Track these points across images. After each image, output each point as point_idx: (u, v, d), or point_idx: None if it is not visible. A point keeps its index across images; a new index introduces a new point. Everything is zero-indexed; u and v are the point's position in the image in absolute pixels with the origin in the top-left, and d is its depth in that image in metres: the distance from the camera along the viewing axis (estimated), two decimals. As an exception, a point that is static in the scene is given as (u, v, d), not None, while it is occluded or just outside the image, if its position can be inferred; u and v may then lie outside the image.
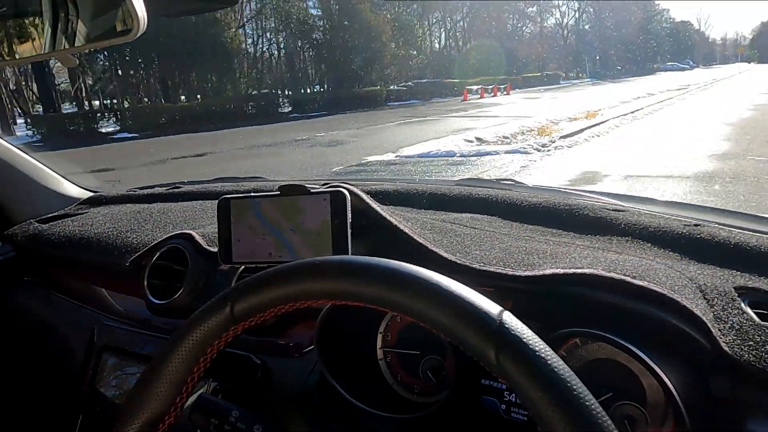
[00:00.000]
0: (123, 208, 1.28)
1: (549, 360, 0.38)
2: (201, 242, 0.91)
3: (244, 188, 1.25)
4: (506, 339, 0.39)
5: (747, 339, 0.57)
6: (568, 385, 0.37)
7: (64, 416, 1.06)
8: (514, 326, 0.40)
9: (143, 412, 0.51)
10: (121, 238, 1.06)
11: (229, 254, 0.78)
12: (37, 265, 1.22)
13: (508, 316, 0.41)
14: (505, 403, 0.67)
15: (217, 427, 0.65)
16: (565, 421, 0.36)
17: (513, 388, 0.39)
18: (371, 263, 0.46)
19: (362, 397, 0.71)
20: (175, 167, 10.01)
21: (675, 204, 1.07)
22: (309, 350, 0.79)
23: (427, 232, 0.80)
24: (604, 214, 0.87)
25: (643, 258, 0.72)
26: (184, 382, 0.52)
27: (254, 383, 0.79)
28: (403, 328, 0.75)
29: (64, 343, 1.11)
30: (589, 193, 1.09)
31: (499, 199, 0.98)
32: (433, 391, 0.72)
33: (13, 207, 1.28)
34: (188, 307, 0.87)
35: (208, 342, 0.51)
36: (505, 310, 0.41)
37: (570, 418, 0.36)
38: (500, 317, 0.40)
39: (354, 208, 0.72)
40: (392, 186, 1.11)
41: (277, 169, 8.49)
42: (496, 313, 0.41)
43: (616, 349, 0.59)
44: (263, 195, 0.76)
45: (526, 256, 0.72)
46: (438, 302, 0.42)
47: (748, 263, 0.71)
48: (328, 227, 0.71)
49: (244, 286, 0.50)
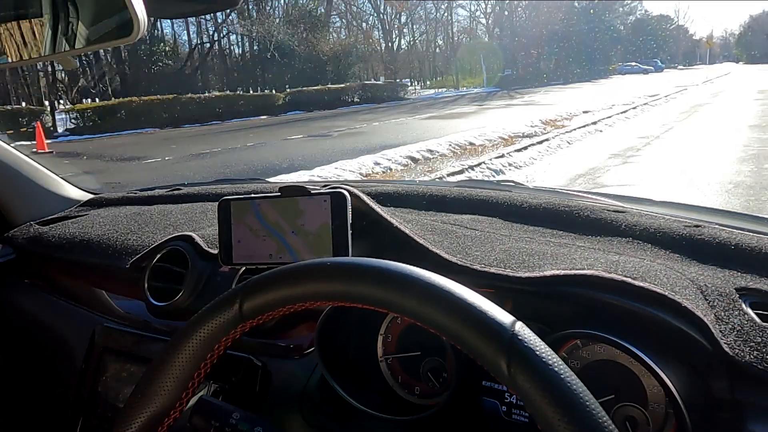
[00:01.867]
0: (123, 210, 1.28)
1: (562, 374, 0.38)
2: (201, 244, 0.91)
3: (244, 190, 1.25)
4: (518, 350, 0.39)
5: (748, 340, 0.57)
6: (581, 402, 0.37)
7: (65, 418, 1.06)
8: (527, 337, 0.40)
9: (148, 406, 0.51)
10: (121, 240, 1.06)
11: (229, 256, 0.78)
12: (38, 268, 1.22)
13: (520, 327, 0.41)
14: (506, 405, 0.67)
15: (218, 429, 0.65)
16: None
17: (524, 400, 0.39)
18: (383, 266, 0.46)
19: (363, 398, 0.71)
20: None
21: (675, 205, 1.07)
22: (310, 352, 0.79)
23: (427, 233, 0.80)
24: (604, 216, 0.87)
25: (643, 259, 0.72)
26: (190, 378, 0.51)
27: (255, 385, 0.79)
28: (404, 329, 0.75)
29: (65, 346, 1.11)
30: (590, 194, 1.09)
31: (499, 200, 0.98)
32: (434, 393, 0.72)
33: (14, 209, 1.28)
34: (189, 308, 0.87)
35: (216, 339, 0.51)
36: (517, 321, 0.41)
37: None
38: (513, 328, 0.40)
39: (354, 209, 0.72)
40: (392, 187, 1.11)
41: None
42: (508, 323, 0.41)
43: (617, 351, 0.59)
44: (263, 196, 0.76)
45: (527, 257, 0.72)
46: (451, 310, 0.42)
47: (748, 264, 0.71)
48: (328, 228, 0.71)
49: (253, 284, 0.50)
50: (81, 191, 1.43)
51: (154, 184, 1.60)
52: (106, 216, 1.23)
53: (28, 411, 1.19)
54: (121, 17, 0.60)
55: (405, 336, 0.74)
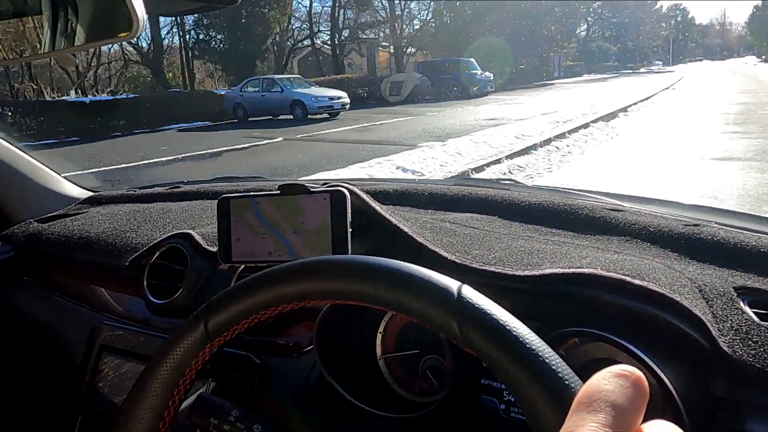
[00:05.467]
0: (122, 207, 1.28)
1: (508, 324, 0.40)
2: (201, 242, 0.91)
3: (243, 188, 1.25)
4: (466, 309, 0.41)
5: (746, 339, 0.57)
6: (529, 345, 0.38)
7: (64, 416, 1.06)
8: (473, 297, 0.42)
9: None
10: (120, 238, 1.06)
11: (228, 254, 0.78)
12: (37, 265, 1.22)
13: (466, 289, 0.43)
14: (505, 403, 0.67)
15: (217, 426, 0.65)
16: (528, 377, 0.37)
17: (479, 355, 0.40)
18: (332, 261, 0.49)
19: (362, 396, 0.71)
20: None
21: (675, 204, 1.07)
22: (308, 350, 0.79)
23: (426, 231, 0.80)
24: (603, 214, 0.87)
25: (642, 258, 0.72)
26: (165, 407, 0.52)
27: (254, 383, 0.79)
28: (403, 327, 0.75)
29: (64, 343, 1.11)
30: (589, 192, 1.09)
31: (498, 198, 0.98)
32: (433, 391, 0.72)
33: (13, 206, 1.28)
34: (188, 306, 0.87)
35: (186, 363, 0.51)
36: (463, 284, 0.43)
37: (532, 373, 0.37)
38: (459, 290, 0.42)
39: (354, 207, 0.72)
40: (392, 185, 1.11)
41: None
42: (455, 287, 0.43)
43: (615, 349, 0.59)
44: (263, 194, 0.76)
45: (526, 255, 0.72)
46: (401, 286, 0.44)
47: (747, 263, 0.71)
48: (327, 227, 0.71)
49: (215, 302, 0.51)
50: (80, 189, 1.43)
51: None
52: (105, 214, 1.22)
53: (27, 409, 1.19)
54: (121, 14, 0.60)
55: (403, 334, 0.75)
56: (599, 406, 0.28)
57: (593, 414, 0.27)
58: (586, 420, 0.27)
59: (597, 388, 0.29)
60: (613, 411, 0.27)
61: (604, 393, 0.28)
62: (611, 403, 0.28)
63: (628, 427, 0.27)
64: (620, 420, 0.27)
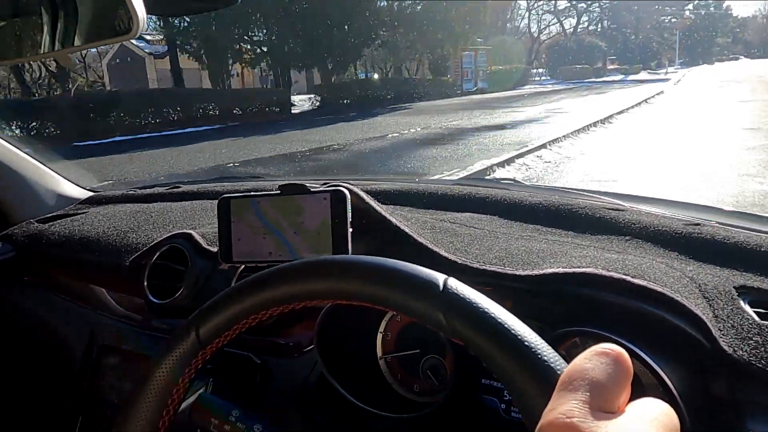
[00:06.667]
0: (123, 207, 1.28)
1: (493, 313, 0.40)
2: (201, 242, 0.91)
3: (244, 188, 1.25)
4: (451, 301, 0.42)
5: (747, 338, 0.57)
6: (514, 332, 0.39)
7: (64, 416, 1.06)
8: (458, 289, 0.42)
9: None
10: (120, 238, 1.06)
11: (229, 254, 0.78)
12: (37, 265, 1.22)
13: (452, 281, 0.43)
14: (505, 402, 0.67)
15: (218, 426, 0.66)
16: (517, 364, 0.37)
17: (467, 345, 0.41)
18: (314, 262, 0.49)
19: (362, 396, 0.71)
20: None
21: (675, 203, 1.07)
22: (309, 350, 0.79)
23: (426, 231, 0.80)
24: (603, 214, 0.87)
25: (642, 257, 0.72)
26: (160, 418, 0.52)
27: (254, 383, 0.79)
28: (403, 327, 0.75)
29: (64, 343, 1.11)
30: (589, 192, 1.09)
31: (498, 198, 0.98)
32: (433, 391, 0.72)
33: (13, 207, 1.28)
34: (188, 307, 0.87)
35: (179, 373, 0.52)
36: (449, 277, 0.43)
37: (517, 358, 0.38)
38: (445, 283, 0.43)
39: (354, 207, 0.72)
40: (392, 186, 1.11)
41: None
42: (440, 280, 0.43)
43: None
44: (263, 194, 0.76)
45: (526, 255, 0.72)
46: (385, 282, 0.45)
47: (748, 262, 0.71)
48: (328, 227, 0.71)
49: (206, 309, 0.51)
50: (81, 189, 1.43)
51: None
52: (105, 214, 1.22)
53: (27, 409, 1.19)
54: (121, 14, 0.60)
55: (404, 334, 0.75)
56: (579, 384, 0.28)
57: (573, 392, 0.28)
58: (566, 398, 0.28)
59: (578, 367, 0.29)
60: (593, 388, 0.28)
61: (584, 371, 0.29)
62: (591, 380, 0.28)
63: (609, 403, 0.28)
64: (600, 396, 0.28)
